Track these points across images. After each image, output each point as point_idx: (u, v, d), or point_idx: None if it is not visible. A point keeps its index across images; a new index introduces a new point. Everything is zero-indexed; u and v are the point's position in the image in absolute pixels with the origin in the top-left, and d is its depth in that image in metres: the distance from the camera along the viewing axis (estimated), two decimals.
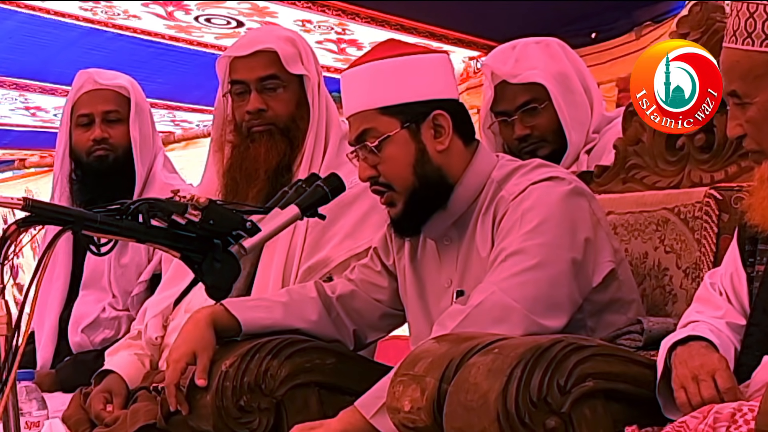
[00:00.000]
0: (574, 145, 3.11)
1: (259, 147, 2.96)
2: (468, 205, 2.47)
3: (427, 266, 2.57)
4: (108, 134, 3.44)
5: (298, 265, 2.92)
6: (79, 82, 3.51)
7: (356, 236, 2.89)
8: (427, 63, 2.46)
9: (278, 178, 2.95)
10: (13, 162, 8.59)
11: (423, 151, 2.44)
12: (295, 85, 3.01)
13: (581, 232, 2.36)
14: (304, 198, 2.52)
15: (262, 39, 3.03)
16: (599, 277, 2.39)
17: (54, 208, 2.19)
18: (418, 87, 2.44)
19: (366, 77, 2.46)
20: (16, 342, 2.01)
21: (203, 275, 2.32)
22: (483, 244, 2.43)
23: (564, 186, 2.38)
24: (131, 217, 2.21)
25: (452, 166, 2.47)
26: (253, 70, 2.98)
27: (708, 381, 1.96)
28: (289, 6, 4.82)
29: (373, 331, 2.74)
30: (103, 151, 3.43)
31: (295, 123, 2.99)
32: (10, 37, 5.26)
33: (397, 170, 2.44)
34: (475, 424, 1.92)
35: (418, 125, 2.43)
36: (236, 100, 3.01)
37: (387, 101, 2.43)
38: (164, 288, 3.13)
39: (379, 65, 2.44)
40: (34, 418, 2.78)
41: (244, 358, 2.48)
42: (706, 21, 2.61)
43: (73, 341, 3.43)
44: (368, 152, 2.45)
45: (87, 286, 3.48)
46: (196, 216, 2.26)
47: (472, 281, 2.43)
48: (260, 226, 2.40)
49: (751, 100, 2.00)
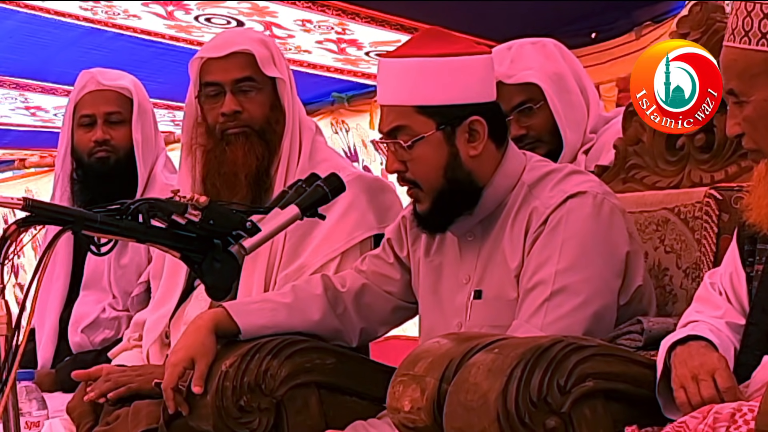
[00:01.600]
0: (570, 145, 3.11)
1: (236, 150, 2.92)
2: (496, 205, 2.46)
3: (445, 259, 2.55)
4: (110, 136, 3.42)
5: (276, 272, 2.90)
6: (82, 81, 3.49)
7: (332, 240, 2.85)
8: (470, 64, 2.43)
9: (259, 184, 2.92)
10: (13, 162, 8.59)
11: (455, 156, 2.42)
12: (269, 88, 2.97)
13: (620, 255, 2.36)
14: (304, 198, 2.52)
15: (236, 40, 2.99)
16: (627, 295, 2.40)
17: (54, 208, 2.19)
18: (459, 89, 2.41)
19: (407, 71, 2.42)
20: (16, 342, 2.01)
21: (203, 275, 2.31)
22: (512, 253, 2.41)
23: (600, 203, 2.36)
24: (131, 217, 2.21)
25: (483, 169, 2.45)
26: (228, 72, 2.94)
27: (708, 380, 1.96)
28: (289, 6, 4.82)
29: (383, 326, 2.72)
30: (104, 153, 3.42)
31: (270, 126, 2.96)
32: (10, 37, 5.26)
33: (427, 171, 2.42)
34: (475, 424, 1.92)
35: (453, 129, 2.41)
36: (209, 102, 2.97)
37: (425, 101, 2.40)
38: (157, 307, 3.09)
39: (422, 63, 2.40)
40: (34, 418, 2.77)
41: (244, 358, 2.48)
42: (706, 21, 2.61)
43: (73, 341, 3.42)
44: (399, 148, 2.43)
45: (87, 287, 3.47)
46: (196, 216, 2.26)
47: (492, 284, 2.43)
48: (260, 226, 2.40)
49: (747, 99, 2.00)
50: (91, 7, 4.92)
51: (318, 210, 2.55)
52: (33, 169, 8.59)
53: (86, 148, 3.44)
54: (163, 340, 3.03)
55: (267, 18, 5.00)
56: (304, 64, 5.58)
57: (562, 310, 2.28)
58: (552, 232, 2.34)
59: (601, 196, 2.38)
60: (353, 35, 5.20)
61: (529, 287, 2.34)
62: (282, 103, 2.98)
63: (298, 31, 5.13)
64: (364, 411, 2.60)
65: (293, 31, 5.15)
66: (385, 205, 2.99)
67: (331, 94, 6.23)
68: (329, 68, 5.73)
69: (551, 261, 2.32)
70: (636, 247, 2.43)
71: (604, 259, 2.34)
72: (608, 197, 2.40)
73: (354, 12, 4.86)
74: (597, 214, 2.35)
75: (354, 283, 2.67)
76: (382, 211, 2.97)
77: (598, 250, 2.34)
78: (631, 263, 2.39)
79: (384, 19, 4.91)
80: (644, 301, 2.46)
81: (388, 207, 3.00)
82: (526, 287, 2.35)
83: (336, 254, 2.87)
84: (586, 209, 2.35)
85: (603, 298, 2.32)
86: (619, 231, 2.38)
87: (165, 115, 6.76)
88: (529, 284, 2.34)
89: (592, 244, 2.33)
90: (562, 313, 2.28)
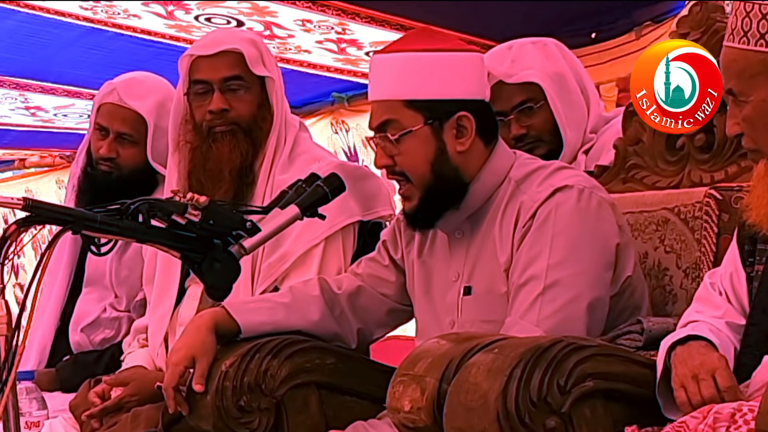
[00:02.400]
0: (570, 144, 3.11)
1: (222, 147, 2.94)
2: (483, 201, 2.47)
3: (435, 258, 2.56)
4: (117, 153, 3.36)
5: (260, 261, 2.91)
6: (104, 90, 3.42)
7: (314, 227, 2.83)
8: (459, 61, 2.44)
9: (242, 178, 2.94)
10: (13, 162, 8.59)
11: (443, 150, 2.43)
12: (257, 87, 2.98)
13: (610, 247, 2.37)
14: (304, 198, 2.52)
15: (226, 39, 3.01)
16: (616, 287, 2.40)
17: (54, 208, 2.19)
18: (447, 85, 2.42)
19: (397, 66, 2.43)
20: (16, 342, 2.01)
21: (203, 275, 2.32)
22: (501, 247, 2.41)
23: (588, 197, 2.37)
24: (131, 217, 2.21)
25: (469, 165, 2.46)
26: (218, 70, 2.95)
27: (708, 380, 1.97)
28: (289, 6, 4.82)
29: (379, 328, 2.73)
30: (107, 167, 3.38)
31: (257, 124, 2.97)
32: (10, 36, 5.26)
33: (415, 165, 2.44)
34: (475, 424, 1.92)
35: (441, 123, 2.43)
36: (197, 100, 2.98)
37: (414, 95, 2.42)
38: (155, 311, 3.09)
39: (411, 57, 2.42)
40: (34, 418, 2.77)
41: (244, 358, 2.48)
42: (706, 21, 2.61)
43: (72, 340, 3.41)
44: (387, 142, 2.44)
45: (89, 284, 3.47)
46: (196, 216, 2.26)
47: (482, 279, 2.44)
48: (260, 226, 2.40)
49: (746, 99, 2.01)
50: (91, 7, 4.91)
51: (318, 210, 2.55)
52: (33, 169, 8.59)
53: (95, 155, 3.41)
54: (164, 342, 3.04)
55: (267, 18, 5.00)
56: (304, 64, 5.58)
57: (556, 304, 2.29)
58: (541, 227, 2.35)
59: (588, 190, 2.38)
60: (353, 35, 5.19)
61: (520, 283, 2.34)
62: (270, 101, 2.99)
63: (298, 31, 5.13)
64: (364, 411, 2.60)
65: (293, 31, 5.15)
66: (368, 192, 2.99)
67: (331, 94, 6.23)
68: (329, 68, 5.73)
69: (542, 256, 2.32)
70: (626, 240, 2.43)
71: (595, 252, 2.34)
72: (595, 191, 2.40)
73: (354, 12, 4.86)
74: (586, 208, 2.36)
75: (350, 285, 2.68)
76: (366, 198, 2.98)
77: (589, 243, 2.34)
78: (621, 255, 2.40)
79: (384, 19, 4.91)
80: (636, 294, 2.46)
81: (373, 194, 3.00)
82: (517, 283, 2.35)
83: (318, 240, 2.88)
84: (573, 203, 2.36)
85: (595, 291, 2.32)
86: (609, 224, 2.39)
87: None
88: (521, 280, 2.35)
89: (582, 238, 2.34)
90: (557, 307, 2.29)
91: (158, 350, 3.02)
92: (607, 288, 2.36)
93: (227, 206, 2.41)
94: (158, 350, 3.02)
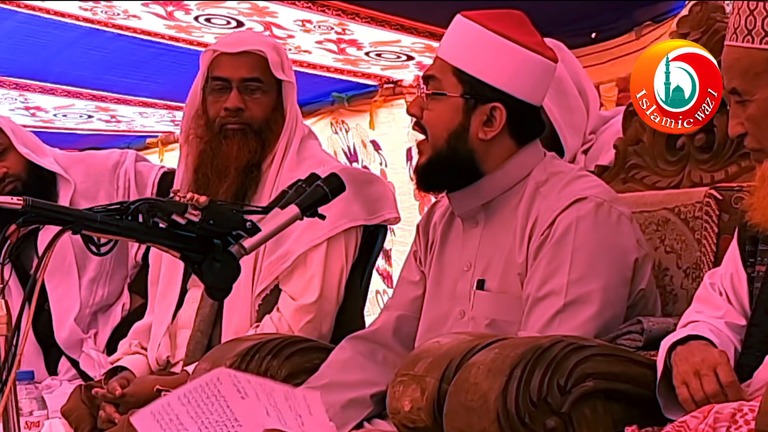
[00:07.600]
0: (570, 149, 3.10)
1: (232, 144, 2.97)
2: (499, 192, 2.47)
3: (450, 246, 2.56)
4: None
5: (261, 260, 2.93)
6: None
7: (315, 228, 2.84)
8: (525, 58, 2.45)
9: (248, 175, 2.97)
10: None
11: (465, 128, 2.45)
12: (274, 92, 3.02)
13: (628, 263, 2.37)
14: (304, 198, 2.51)
15: (251, 41, 3.05)
16: (630, 299, 2.41)
17: (54, 208, 2.18)
18: (500, 74, 2.44)
19: (470, 36, 2.47)
20: (16, 342, 2.00)
21: (203, 275, 2.31)
22: (520, 250, 2.41)
23: (607, 212, 2.37)
24: (131, 217, 2.21)
25: (489, 156, 2.46)
26: (239, 69, 2.98)
27: (710, 375, 1.96)
28: (289, 6, 4.81)
29: None
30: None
31: (269, 126, 3.01)
32: (10, 37, 5.26)
33: (435, 126, 2.47)
34: (475, 424, 1.92)
35: (475, 104, 2.44)
36: (214, 95, 3.01)
37: (465, 67, 2.45)
38: (157, 311, 3.09)
39: (486, 35, 2.45)
40: (34, 418, 2.78)
41: (244, 358, 2.48)
42: (706, 21, 2.61)
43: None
44: (424, 94, 2.48)
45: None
46: (196, 216, 2.26)
47: (495, 275, 2.43)
48: (260, 226, 2.40)
49: (750, 98, 2.00)
50: (91, 8, 4.91)
51: (318, 210, 2.55)
52: None
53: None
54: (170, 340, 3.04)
55: (267, 18, 4.99)
56: (304, 64, 5.58)
57: (575, 322, 2.29)
58: (561, 240, 2.35)
59: (608, 204, 2.39)
60: (353, 35, 5.19)
61: (539, 296, 2.34)
62: (284, 106, 3.03)
63: (298, 31, 5.13)
64: None
65: (293, 31, 5.15)
66: (373, 196, 3.00)
67: (331, 94, 6.23)
68: (329, 68, 5.72)
69: (562, 271, 2.32)
70: (644, 253, 2.43)
71: (614, 269, 2.35)
72: (615, 204, 2.41)
73: (354, 12, 4.86)
74: (605, 223, 2.36)
75: (387, 321, 2.62)
76: (370, 203, 2.99)
77: (608, 260, 2.35)
78: (638, 270, 2.40)
79: (384, 19, 4.91)
80: (649, 305, 2.46)
81: (378, 197, 3.01)
82: (535, 296, 2.34)
83: (320, 240, 2.90)
84: (593, 217, 2.36)
85: (614, 308, 2.34)
86: (627, 238, 2.39)
87: (165, 115, 6.76)
88: (539, 293, 2.34)
89: (602, 254, 2.34)
90: (576, 324, 2.28)
91: (156, 352, 3.02)
92: (624, 304, 2.37)
93: (227, 206, 2.40)
94: (156, 352, 3.02)
